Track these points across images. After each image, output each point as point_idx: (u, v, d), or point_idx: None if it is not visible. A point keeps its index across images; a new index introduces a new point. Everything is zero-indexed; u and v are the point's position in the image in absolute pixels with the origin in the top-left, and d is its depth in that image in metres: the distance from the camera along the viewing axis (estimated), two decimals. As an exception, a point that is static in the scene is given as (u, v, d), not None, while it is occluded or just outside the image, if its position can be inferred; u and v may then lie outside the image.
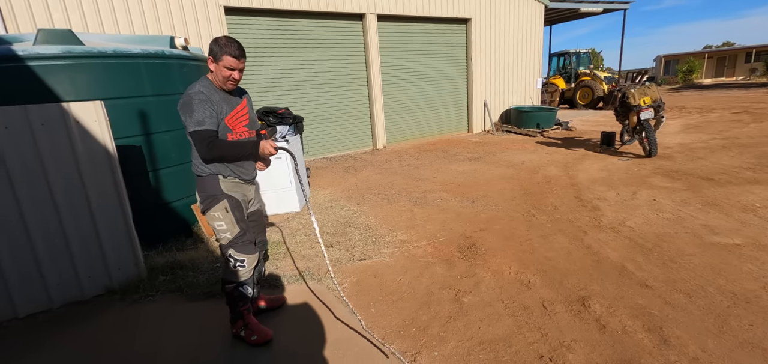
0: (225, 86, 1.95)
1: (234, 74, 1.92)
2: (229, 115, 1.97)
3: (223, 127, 1.95)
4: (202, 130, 1.83)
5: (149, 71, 3.59)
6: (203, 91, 1.88)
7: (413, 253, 3.34)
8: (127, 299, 2.75)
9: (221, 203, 2.01)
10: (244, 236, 2.10)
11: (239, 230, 2.07)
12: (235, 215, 2.05)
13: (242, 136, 2.04)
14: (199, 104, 1.83)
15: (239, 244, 2.09)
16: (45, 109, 2.56)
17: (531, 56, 11.18)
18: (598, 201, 4.42)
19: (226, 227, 2.05)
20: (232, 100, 2.02)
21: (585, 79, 15.88)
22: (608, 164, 6.15)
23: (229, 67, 1.89)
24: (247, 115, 2.09)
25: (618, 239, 3.37)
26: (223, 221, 2.04)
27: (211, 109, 1.86)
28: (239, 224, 2.07)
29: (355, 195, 5.19)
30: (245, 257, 2.11)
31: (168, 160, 3.75)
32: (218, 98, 1.92)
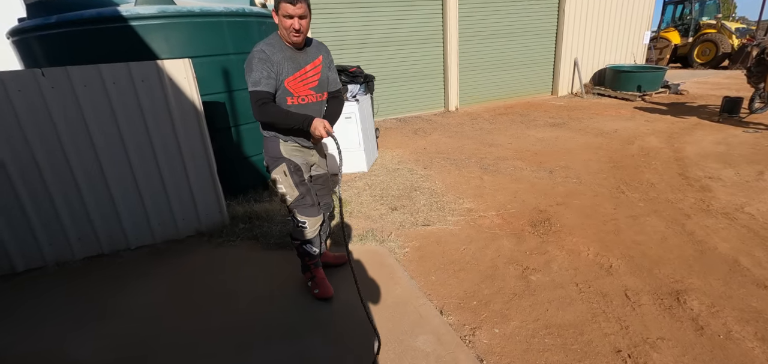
0: (290, 38, 1.83)
1: (294, 23, 1.78)
2: (291, 76, 1.88)
3: (283, 90, 1.88)
4: (256, 91, 1.80)
5: (231, 29, 3.78)
6: (265, 50, 1.82)
7: (480, 223, 3.19)
8: (212, 241, 3.08)
9: (281, 166, 2.01)
10: (304, 199, 2.09)
11: (299, 193, 2.07)
12: (294, 179, 2.04)
13: (306, 101, 1.96)
14: (257, 63, 1.80)
15: (300, 206, 2.10)
16: (144, 67, 2.85)
17: (639, 6, 9.55)
18: (710, 180, 3.74)
19: (286, 190, 2.07)
20: (301, 60, 1.92)
21: (709, 31, 13.27)
22: (728, 136, 5.14)
23: (287, 14, 1.76)
24: (316, 77, 1.99)
25: (732, 227, 2.83)
26: (283, 183, 2.05)
27: (270, 70, 1.81)
28: (299, 188, 2.06)
29: (422, 158, 5.08)
30: (306, 219, 2.13)
31: (248, 117, 4.00)
32: (281, 57, 1.84)
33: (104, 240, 2.94)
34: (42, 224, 2.75)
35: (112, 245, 2.97)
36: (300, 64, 1.92)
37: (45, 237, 2.78)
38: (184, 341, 2.04)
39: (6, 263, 2.73)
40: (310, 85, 1.97)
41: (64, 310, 2.34)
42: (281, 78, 1.86)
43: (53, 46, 3.38)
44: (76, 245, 2.87)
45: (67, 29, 3.29)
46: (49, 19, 3.32)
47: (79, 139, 2.72)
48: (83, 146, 2.74)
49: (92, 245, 2.92)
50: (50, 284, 2.63)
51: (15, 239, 2.71)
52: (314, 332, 2.05)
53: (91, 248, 2.92)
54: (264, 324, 2.14)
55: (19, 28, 3.48)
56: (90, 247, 2.92)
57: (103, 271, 2.76)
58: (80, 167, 2.77)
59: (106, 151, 2.81)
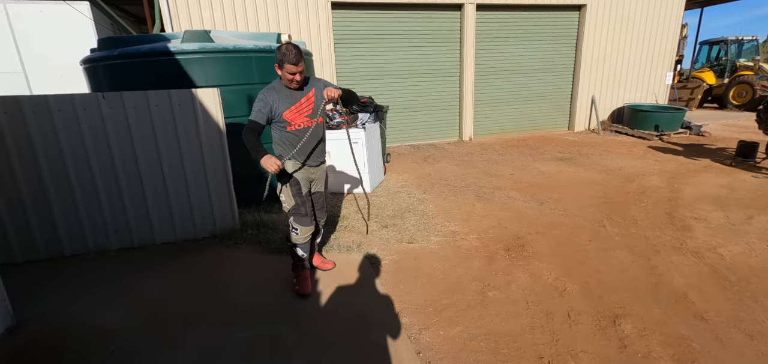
0: (290, 85, 2.40)
1: (295, 77, 2.34)
2: (288, 109, 2.42)
3: (281, 121, 2.44)
4: (249, 120, 2.38)
5: (258, 63, 4.41)
6: (264, 93, 2.41)
7: (459, 244, 3.50)
8: (223, 243, 3.59)
9: (283, 180, 2.56)
10: (299, 209, 2.59)
11: (294, 203, 2.58)
12: (292, 190, 2.57)
13: (302, 126, 2.47)
14: (257, 102, 2.39)
15: (296, 214, 2.61)
16: (181, 94, 3.46)
17: (661, 47, 9.59)
18: (695, 220, 3.85)
19: (285, 198, 2.61)
20: (296, 95, 2.45)
21: (745, 73, 12.86)
22: (734, 180, 5.14)
23: (290, 72, 2.31)
24: (310, 107, 2.49)
25: (696, 265, 2.98)
26: (283, 193, 2.60)
27: (262, 107, 2.38)
28: (295, 198, 2.58)
29: (424, 183, 5.45)
30: (299, 227, 2.62)
31: (266, 138, 4.50)
32: (278, 97, 2.40)
33: (136, 235, 3.53)
34: (88, 217, 3.37)
35: (142, 240, 3.55)
36: (295, 98, 2.46)
37: (89, 228, 3.40)
38: (185, 317, 2.50)
39: (57, 246, 3.36)
40: (305, 113, 2.48)
41: (97, 286, 2.89)
42: (278, 111, 2.41)
43: (115, 73, 4.13)
44: (113, 237, 3.47)
45: (126, 60, 4.03)
46: (113, 52, 4.08)
47: (125, 150, 3.35)
48: (128, 156, 3.37)
49: (126, 238, 3.51)
50: (88, 268, 3.21)
51: (67, 228, 3.35)
52: (288, 319, 2.45)
53: (125, 240, 3.51)
54: (249, 309, 2.57)
55: (89, 57, 4.27)
56: (124, 240, 3.51)
57: (132, 261, 3.32)
58: (124, 173, 3.39)
59: (145, 161, 3.42)
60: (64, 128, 3.17)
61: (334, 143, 4.94)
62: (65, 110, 3.16)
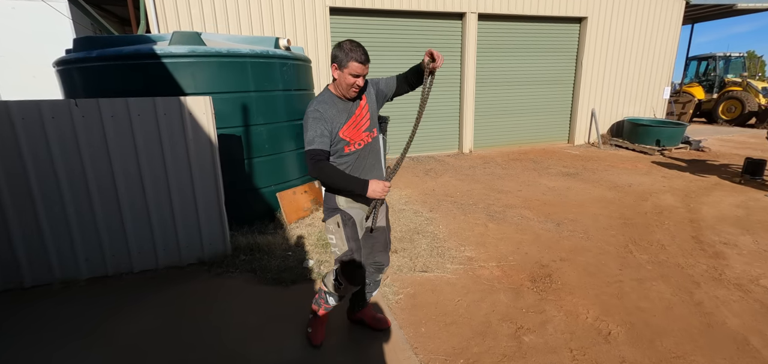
0: (348, 94, 1.85)
1: (358, 81, 1.81)
2: (346, 124, 1.88)
3: (339, 141, 1.87)
4: (311, 149, 1.78)
5: (254, 69, 4.01)
6: (318, 109, 1.83)
7: (478, 273, 3.16)
8: (212, 271, 3.16)
9: (335, 217, 1.97)
10: (353, 256, 1.98)
11: (348, 248, 1.97)
12: (346, 232, 1.96)
13: (362, 144, 1.94)
14: (312, 123, 1.80)
15: (347, 264, 1.98)
16: (168, 102, 3.04)
17: (659, 61, 9.56)
18: (725, 246, 3.60)
19: (336, 242, 1.99)
20: (351, 108, 1.91)
21: (734, 89, 13.05)
22: (749, 200, 4.97)
23: (355, 73, 1.78)
24: (367, 118, 1.98)
25: (744, 301, 2.70)
26: (334, 234, 1.99)
27: (324, 128, 1.80)
28: (348, 243, 1.97)
29: (430, 200, 5.11)
30: (344, 281, 2.03)
31: (262, 150, 4.17)
32: (334, 112, 1.85)
33: (110, 262, 3.07)
34: (54, 242, 2.91)
35: (117, 268, 3.09)
36: (351, 111, 1.91)
37: (55, 255, 2.93)
38: (171, 373, 2.07)
39: (16, 275, 2.87)
40: (363, 127, 1.95)
41: (60, 329, 2.43)
42: (335, 130, 1.85)
43: (92, 77, 3.67)
44: (83, 266, 3.01)
45: (105, 63, 3.58)
46: (90, 53, 3.63)
47: (100, 165, 2.90)
48: (103, 171, 2.92)
49: (98, 266, 3.05)
50: (51, 304, 2.74)
51: (27, 255, 2.87)
52: (296, 375, 2.05)
53: (97, 269, 3.05)
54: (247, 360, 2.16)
55: (63, 59, 3.80)
56: (96, 268, 3.05)
57: (104, 293, 2.86)
58: (98, 191, 2.93)
59: (124, 177, 2.98)
60: (27, 139, 2.72)
61: (335, 157, 4.57)
62: (30, 118, 2.71)
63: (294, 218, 4.32)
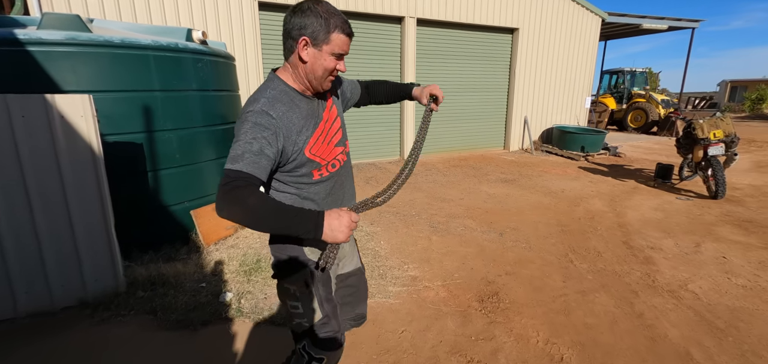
0: (321, 86, 1.24)
1: (340, 66, 1.24)
2: (314, 135, 1.25)
3: (304, 163, 1.24)
4: (231, 171, 1.05)
5: (159, 65, 3.36)
6: (267, 111, 1.13)
7: (424, 296, 2.87)
8: (97, 315, 2.49)
9: (301, 273, 1.30)
10: (329, 323, 1.36)
11: (322, 315, 1.34)
12: (321, 293, 1.34)
13: (337, 166, 1.34)
14: (249, 129, 1.10)
15: (322, 334, 1.35)
16: (26, 101, 2.34)
17: (581, 73, 10.30)
18: (652, 251, 3.73)
19: (303, 311, 1.32)
20: (318, 109, 1.29)
21: (639, 100, 14.58)
22: (664, 203, 5.35)
23: (340, 53, 1.21)
24: (338, 125, 1.37)
25: (679, 309, 2.72)
26: (300, 301, 1.32)
27: (266, 140, 1.11)
28: (323, 307, 1.34)
29: (371, 212, 4.78)
30: (325, 355, 1.37)
31: (171, 161, 3.51)
32: (296, 116, 1.20)
33: (-59, 316, 2.28)
34: None
35: (-47, 323, 2.31)
36: (319, 115, 1.29)
37: None
38: None
39: None
40: (335, 140, 1.34)
41: None
42: (297, 147, 1.21)
43: None
44: None
45: (-61, 48, 2.73)
46: None
47: None
48: (-77, 194, 2.14)
49: None
50: None
51: None
52: None
53: None
54: None
55: None
56: None
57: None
58: None
59: (-43, 200, 2.22)
60: None
61: (262, 167, 4.03)
62: None
63: (213, 239, 3.71)
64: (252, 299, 2.73)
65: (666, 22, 12.51)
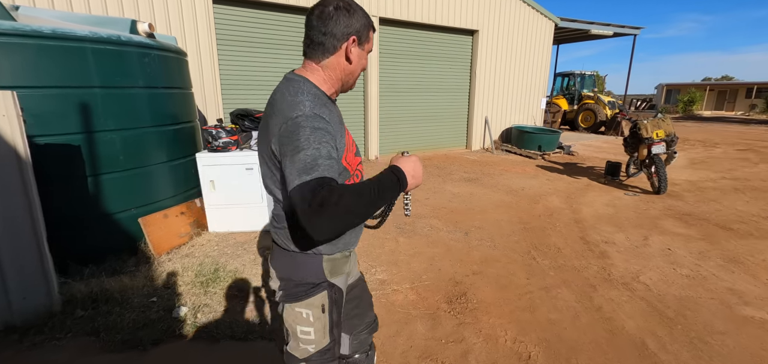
0: (351, 87, 1.22)
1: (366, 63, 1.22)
2: (346, 143, 1.16)
3: (343, 173, 1.13)
4: (316, 180, 0.91)
5: (99, 58, 3.05)
6: (320, 114, 1.02)
7: (393, 299, 2.82)
8: (26, 341, 2.20)
9: (318, 298, 1.20)
10: (332, 349, 1.27)
11: (328, 341, 1.25)
12: (331, 318, 1.24)
13: (359, 178, 1.23)
14: (315, 135, 0.97)
15: (321, 360, 1.26)
16: (-68, 97, 2.02)
17: (537, 75, 10.75)
18: (607, 245, 3.93)
19: (314, 337, 1.22)
20: (339, 114, 1.22)
21: (588, 102, 15.49)
22: (614, 199, 5.68)
23: (370, 50, 1.19)
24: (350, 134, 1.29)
25: (633, 301, 2.87)
26: (313, 326, 1.21)
27: (331, 146, 1.00)
28: (332, 333, 1.26)
29: (336, 214, 4.66)
30: None
31: (114, 165, 3.20)
32: (335, 122, 1.10)
33: None
34: None
35: None
36: (342, 121, 1.22)
37: None
38: None
39: None
40: (354, 148, 1.26)
41: None
42: (340, 155, 1.10)
43: None
44: None
45: None
46: None
47: None
48: None
49: None
50: None
51: None
52: None
53: None
54: None
55: None
56: None
57: None
58: None
59: None
60: None
61: (218, 170, 3.81)
62: None
63: (165, 248, 3.44)
64: (210, 313, 2.54)
65: (611, 29, 13.38)
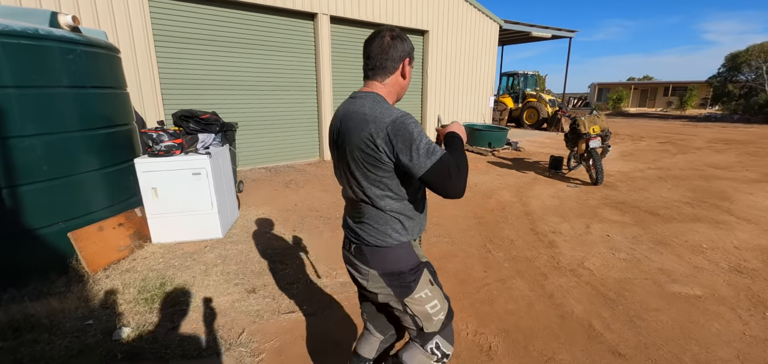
0: (401, 97, 1.48)
1: None
2: None
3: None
4: (445, 156, 1.17)
5: (11, 54, 2.70)
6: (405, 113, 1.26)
7: (355, 302, 2.77)
8: (-73, 385, 1.88)
9: (424, 276, 1.37)
10: (451, 309, 1.47)
11: (447, 303, 1.45)
12: (439, 285, 1.43)
13: None
14: (419, 128, 1.21)
15: (448, 327, 1.44)
16: None
17: (485, 74, 11.21)
18: (554, 235, 4.18)
19: (439, 305, 1.39)
20: None
21: (531, 100, 16.45)
22: (559, 191, 6.07)
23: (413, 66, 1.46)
24: None
25: (580, 286, 3.07)
26: (435, 297, 1.38)
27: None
28: (445, 296, 1.45)
29: (293, 217, 4.52)
30: (451, 348, 1.46)
31: (35, 174, 2.85)
32: None
33: None
34: None
35: None
36: None
37: None
38: None
39: None
40: None
41: None
42: None
43: None
44: None
45: None
46: None
47: None
48: None
49: None
50: None
51: None
52: None
53: None
54: None
55: None
56: None
57: None
58: None
59: None
60: None
61: (161, 176, 3.54)
62: None
63: (102, 264, 3.12)
64: (157, 332, 2.34)
65: (550, 31, 14.30)
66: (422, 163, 1.15)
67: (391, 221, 1.30)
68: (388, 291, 1.35)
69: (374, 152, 1.20)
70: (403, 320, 1.41)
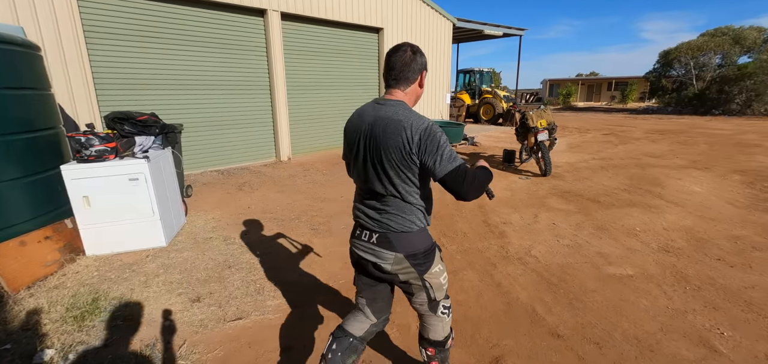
0: (416, 103, 1.64)
1: None
2: None
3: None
4: (460, 165, 1.37)
5: None
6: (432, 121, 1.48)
7: (307, 301, 2.72)
8: None
9: (437, 255, 1.66)
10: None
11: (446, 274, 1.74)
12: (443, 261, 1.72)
13: None
14: (442, 136, 1.41)
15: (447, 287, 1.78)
16: None
17: (440, 72, 11.42)
18: (505, 226, 4.34)
19: (446, 275, 1.71)
20: None
21: (487, 96, 17.01)
22: (511, 183, 6.31)
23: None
24: None
25: (526, 273, 3.21)
26: (444, 269, 1.69)
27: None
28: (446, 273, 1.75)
29: (245, 221, 4.36)
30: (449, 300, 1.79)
31: None
32: None
33: None
34: None
35: None
36: None
37: None
38: None
39: None
40: None
41: None
42: None
43: None
44: None
45: None
46: None
47: None
48: None
49: None
50: None
51: None
52: None
53: None
54: None
55: None
56: None
57: None
58: None
59: None
60: None
61: (93, 183, 3.29)
62: None
63: (25, 282, 2.85)
64: (86, 352, 2.17)
65: (501, 30, 14.83)
66: (444, 167, 1.35)
67: (415, 211, 1.52)
68: (411, 270, 1.55)
69: (409, 154, 1.38)
70: (416, 296, 1.63)
